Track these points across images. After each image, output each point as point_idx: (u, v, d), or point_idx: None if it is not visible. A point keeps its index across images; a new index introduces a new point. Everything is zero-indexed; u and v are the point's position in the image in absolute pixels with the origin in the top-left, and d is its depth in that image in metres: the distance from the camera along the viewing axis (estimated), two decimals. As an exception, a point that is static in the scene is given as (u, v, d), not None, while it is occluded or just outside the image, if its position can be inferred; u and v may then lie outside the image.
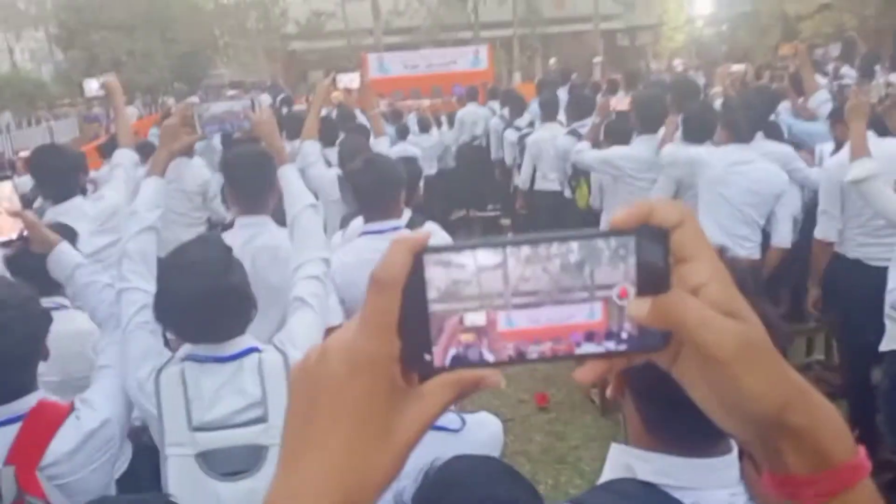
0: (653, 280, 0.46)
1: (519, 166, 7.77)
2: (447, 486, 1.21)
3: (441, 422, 1.73)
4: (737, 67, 7.34)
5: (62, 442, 1.79)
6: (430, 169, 8.38)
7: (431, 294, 0.47)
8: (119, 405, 1.97)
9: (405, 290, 0.46)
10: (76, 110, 13.44)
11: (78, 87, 3.93)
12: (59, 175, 3.32)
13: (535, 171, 6.87)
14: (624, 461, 1.09)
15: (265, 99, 8.72)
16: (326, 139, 4.98)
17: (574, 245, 0.47)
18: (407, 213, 3.21)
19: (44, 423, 1.79)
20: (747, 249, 3.87)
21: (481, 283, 0.47)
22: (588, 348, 0.48)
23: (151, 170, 2.31)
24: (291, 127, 5.50)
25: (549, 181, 6.62)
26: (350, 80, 4.13)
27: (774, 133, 4.78)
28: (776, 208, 3.89)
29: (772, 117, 5.23)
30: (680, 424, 0.99)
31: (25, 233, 2.25)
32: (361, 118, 6.10)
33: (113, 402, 1.95)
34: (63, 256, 2.25)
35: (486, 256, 0.47)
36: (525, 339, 0.47)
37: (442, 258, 0.47)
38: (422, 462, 1.31)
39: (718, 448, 1.05)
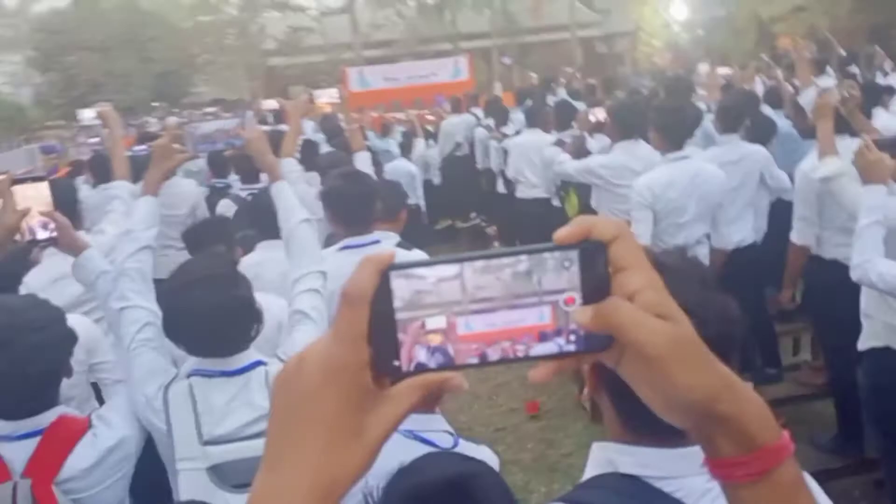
0: (595, 288, 0.52)
1: (502, 174, 7.83)
2: (404, 474, 1.24)
3: (433, 438, 1.74)
4: (723, 71, 7.42)
5: (79, 458, 1.82)
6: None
7: (397, 304, 0.52)
8: (134, 421, 1.99)
9: (373, 302, 0.51)
10: (55, 133, 13.37)
11: (58, 109, 3.91)
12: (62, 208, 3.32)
13: (517, 179, 6.93)
14: (606, 457, 1.12)
15: (249, 116, 8.78)
16: (308, 161, 4.99)
17: (523, 257, 0.52)
18: (394, 238, 3.23)
19: (62, 439, 1.82)
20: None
21: (441, 292, 0.52)
22: (542, 349, 0.53)
23: (144, 189, 2.33)
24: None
25: (535, 188, 6.66)
26: (329, 95, 4.13)
27: (763, 131, 4.84)
28: (716, 212, 3.88)
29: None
30: (653, 417, 1.02)
31: (55, 233, 2.28)
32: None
33: (129, 420, 1.98)
34: (88, 262, 2.28)
35: (445, 269, 0.52)
36: (483, 341, 0.53)
37: (405, 273, 0.52)
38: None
39: (689, 438, 1.08)
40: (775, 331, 4.98)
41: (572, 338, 0.53)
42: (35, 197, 2.25)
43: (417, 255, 3.16)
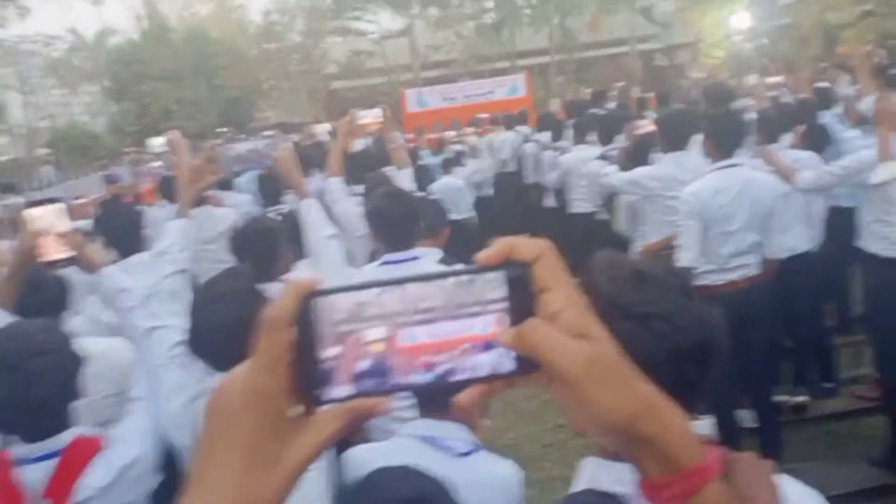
0: (522, 309, 0.52)
1: (556, 190, 7.81)
2: (357, 490, 1.24)
3: (448, 442, 1.74)
4: (773, 80, 7.25)
5: (96, 477, 1.84)
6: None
7: (336, 316, 0.52)
8: (151, 440, 2.01)
9: (298, 329, 0.52)
10: (128, 158, 13.96)
11: (131, 137, 4.06)
12: (125, 232, 3.48)
13: (564, 193, 6.91)
14: (590, 472, 1.12)
15: (280, 136, 8.93)
16: (355, 176, 5.10)
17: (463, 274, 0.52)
18: (436, 253, 3.25)
19: (79, 459, 1.85)
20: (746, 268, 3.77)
21: (383, 303, 0.52)
22: (482, 362, 0.52)
23: (179, 211, 2.38)
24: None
25: (585, 203, 6.63)
26: (373, 115, 4.21)
27: (817, 139, 4.71)
28: (767, 220, 3.78)
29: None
30: None
31: (73, 253, 2.30)
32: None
33: (144, 438, 2.00)
34: (108, 280, 2.30)
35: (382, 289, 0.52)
36: (426, 353, 0.52)
37: (338, 295, 0.52)
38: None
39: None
40: (832, 343, 4.80)
41: (505, 358, 0.52)
42: (50, 218, 2.28)
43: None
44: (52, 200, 2.32)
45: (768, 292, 3.87)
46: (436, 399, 1.71)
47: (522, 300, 0.52)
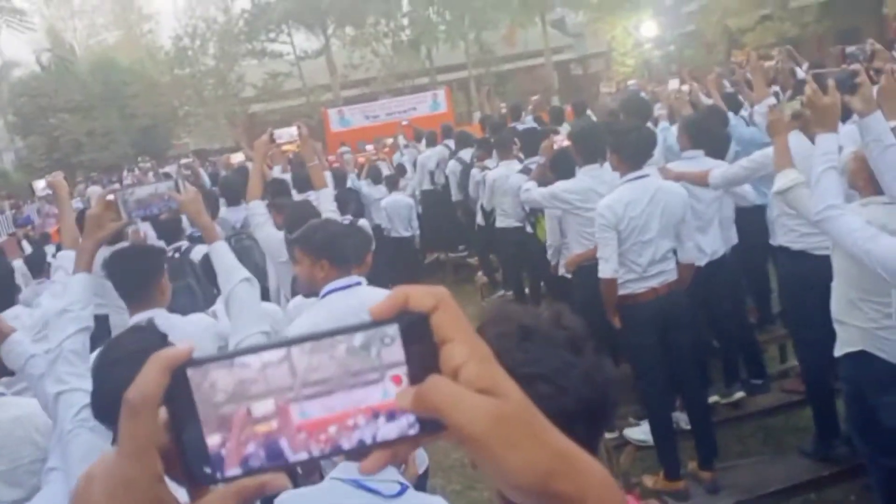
0: (423, 364, 0.47)
1: (481, 206, 7.86)
2: None
3: (378, 487, 1.70)
4: (673, 85, 7.49)
5: None
6: (378, 219, 8.46)
7: (217, 397, 0.46)
8: None
9: (172, 405, 0.46)
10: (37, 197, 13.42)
11: (40, 172, 3.85)
12: None
13: (493, 209, 6.95)
14: None
15: (178, 176, 8.68)
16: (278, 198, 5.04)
17: (354, 334, 0.47)
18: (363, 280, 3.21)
19: None
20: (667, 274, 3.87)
21: (268, 379, 0.46)
22: (388, 431, 0.48)
23: (78, 264, 2.26)
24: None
25: (510, 218, 6.68)
26: (289, 134, 4.13)
27: (722, 146, 4.85)
28: (680, 227, 3.89)
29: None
30: None
31: None
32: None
33: None
34: (15, 347, 2.25)
35: (268, 354, 0.47)
36: (322, 428, 0.47)
37: (219, 363, 0.46)
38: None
39: None
40: (757, 340, 4.96)
41: (410, 420, 0.48)
42: None
43: (382, 293, 3.12)
44: None
45: (687, 296, 3.98)
46: None
47: (421, 355, 0.48)
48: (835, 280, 3.10)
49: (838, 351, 3.13)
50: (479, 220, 7.88)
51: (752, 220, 4.85)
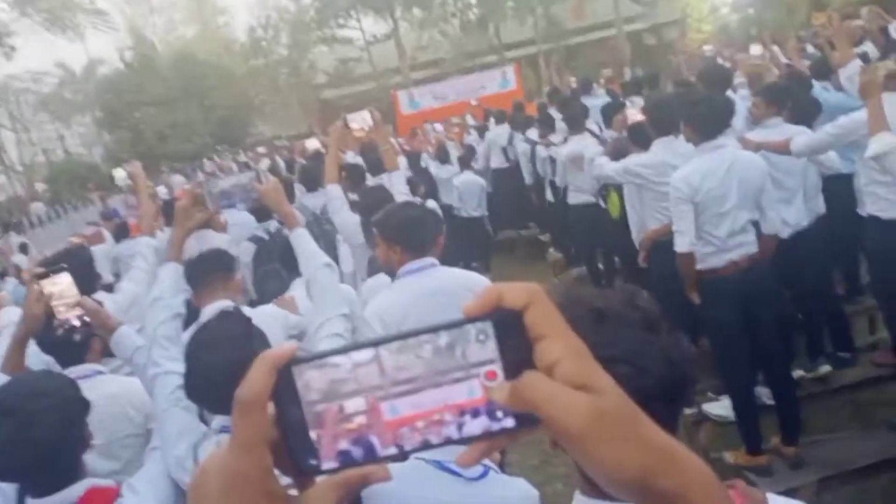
0: (516, 360, 0.48)
1: (551, 182, 7.79)
2: None
3: (460, 469, 1.73)
4: (755, 50, 7.20)
5: None
6: (448, 199, 8.46)
7: (312, 396, 0.49)
8: (165, 488, 2.01)
9: (279, 402, 0.49)
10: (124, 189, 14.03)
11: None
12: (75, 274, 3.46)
13: (566, 186, 6.89)
14: None
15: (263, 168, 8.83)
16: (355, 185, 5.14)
17: (441, 332, 0.49)
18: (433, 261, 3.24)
19: None
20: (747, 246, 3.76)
21: (359, 378, 0.49)
22: (475, 427, 0.49)
23: (168, 254, 2.37)
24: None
25: (583, 194, 6.60)
26: (361, 118, 4.18)
27: (809, 112, 4.66)
28: (760, 197, 3.75)
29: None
30: None
31: (87, 318, 2.34)
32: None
33: (157, 487, 1.99)
34: (123, 339, 2.35)
35: (358, 354, 0.49)
36: (411, 424, 0.49)
37: (315, 363, 0.49)
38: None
39: None
40: (844, 312, 4.78)
41: (502, 414, 0.48)
42: (62, 285, 2.33)
43: (477, 277, 3.15)
44: (56, 271, 2.35)
45: (770, 269, 3.86)
46: None
47: (515, 351, 0.48)
48: None
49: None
50: (549, 196, 7.82)
51: (838, 189, 4.65)
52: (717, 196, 3.65)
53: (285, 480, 0.51)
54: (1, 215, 19.81)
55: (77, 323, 2.35)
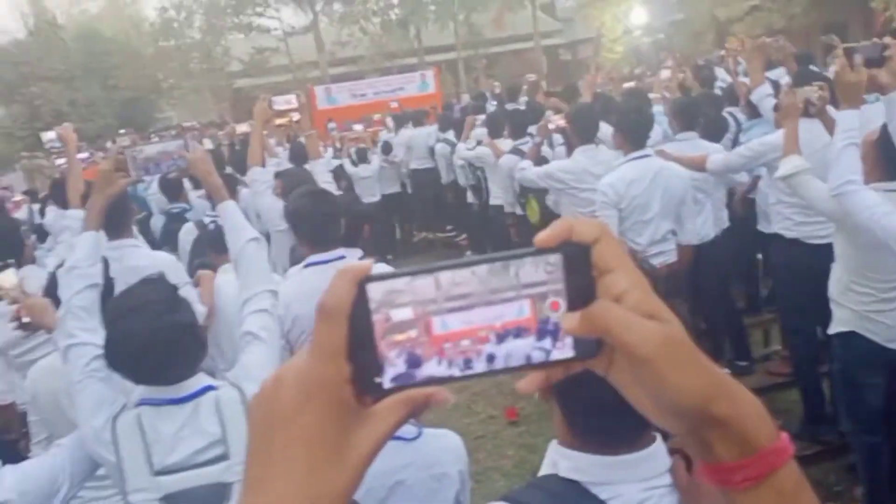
0: (581, 292, 0.50)
1: (472, 186, 7.88)
2: None
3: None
4: (665, 74, 7.57)
5: None
6: (371, 196, 8.49)
7: (371, 307, 0.49)
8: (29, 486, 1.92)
9: (352, 317, 0.49)
10: (21, 164, 13.19)
11: (22, 141, 3.86)
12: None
13: (487, 187, 7.00)
14: (553, 458, 1.16)
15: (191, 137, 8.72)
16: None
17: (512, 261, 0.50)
18: (357, 252, 3.23)
19: None
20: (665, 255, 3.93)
21: (415, 290, 0.50)
22: (517, 347, 0.50)
23: (87, 222, 2.26)
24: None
25: (499, 197, 6.73)
26: (286, 101, 4.12)
27: (718, 128, 4.92)
28: (680, 208, 3.94)
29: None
30: (598, 424, 1.09)
31: (25, 319, 2.32)
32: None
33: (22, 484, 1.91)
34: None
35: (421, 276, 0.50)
36: (459, 339, 0.50)
37: (397, 280, 0.50)
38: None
39: (636, 444, 1.12)
40: (744, 323, 5.06)
41: (559, 345, 0.50)
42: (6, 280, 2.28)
43: (383, 267, 3.16)
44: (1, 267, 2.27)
45: (683, 278, 4.05)
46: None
47: (580, 284, 0.50)
48: (835, 263, 3.16)
49: (832, 329, 3.20)
50: (470, 198, 7.91)
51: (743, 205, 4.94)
52: (641, 204, 3.80)
53: None
54: None
55: (25, 320, 2.33)
